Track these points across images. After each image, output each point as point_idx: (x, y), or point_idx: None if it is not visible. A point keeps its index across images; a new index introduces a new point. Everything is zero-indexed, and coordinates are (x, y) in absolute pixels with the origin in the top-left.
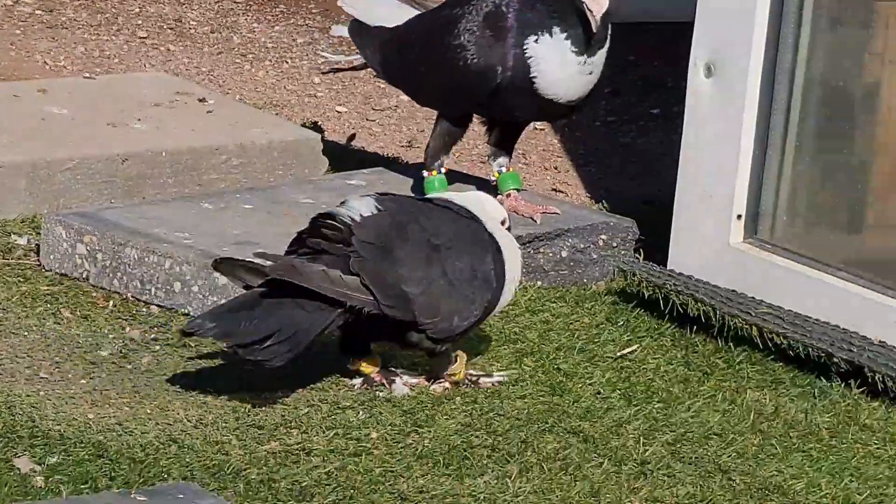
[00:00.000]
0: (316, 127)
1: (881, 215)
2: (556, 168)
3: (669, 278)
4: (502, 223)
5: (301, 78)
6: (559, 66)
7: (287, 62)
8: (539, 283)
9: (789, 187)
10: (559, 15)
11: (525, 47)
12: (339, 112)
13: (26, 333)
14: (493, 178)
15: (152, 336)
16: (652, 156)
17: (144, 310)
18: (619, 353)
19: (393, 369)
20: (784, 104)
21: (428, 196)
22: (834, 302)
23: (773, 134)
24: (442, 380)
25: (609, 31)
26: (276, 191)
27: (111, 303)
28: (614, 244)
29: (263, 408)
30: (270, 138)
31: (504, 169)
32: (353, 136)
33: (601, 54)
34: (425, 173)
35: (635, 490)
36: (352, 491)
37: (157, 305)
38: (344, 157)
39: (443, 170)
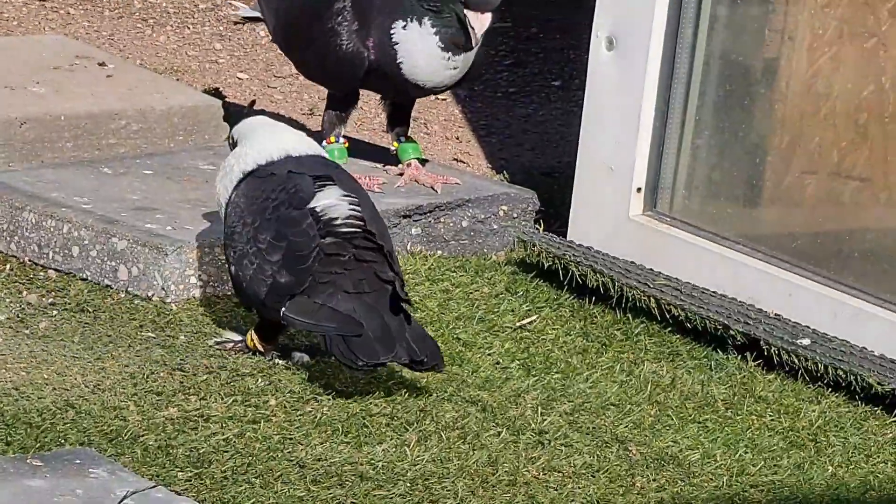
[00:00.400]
0: (217, 93)
1: (778, 190)
2: (457, 138)
3: (569, 249)
4: None
5: (202, 44)
6: (424, 56)
7: (188, 28)
8: (439, 252)
9: (689, 161)
10: (435, 8)
11: (392, 32)
12: (240, 79)
13: None
14: (392, 148)
15: (50, 301)
16: (552, 127)
17: (42, 274)
18: (518, 324)
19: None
20: (684, 78)
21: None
22: (731, 275)
23: (673, 108)
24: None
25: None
26: (176, 156)
27: (8, 266)
28: (515, 215)
29: (162, 374)
30: (170, 104)
31: (403, 138)
32: (253, 103)
33: (469, 55)
34: (324, 142)
35: (533, 459)
36: (250, 458)
37: (55, 270)
38: None
39: (341, 139)
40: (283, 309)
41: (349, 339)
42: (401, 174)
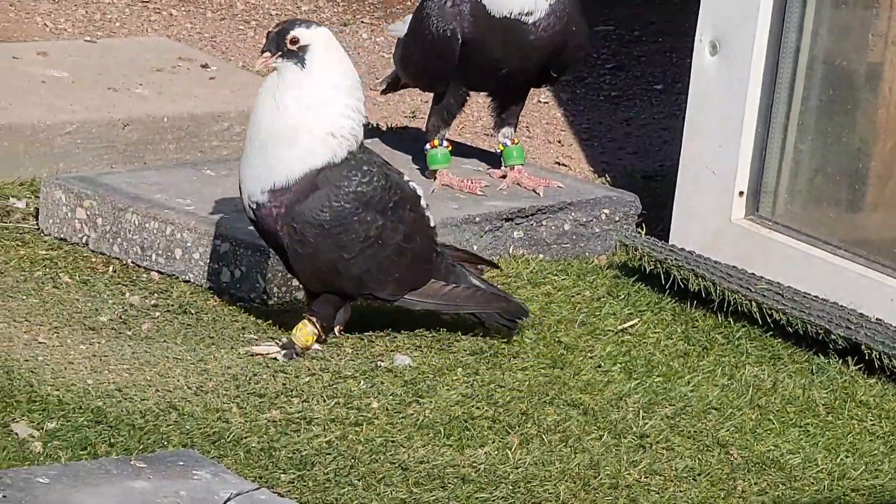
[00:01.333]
0: None
1: (881, 194)
2: (559, 142)
3: (671, 253)
4: None
5: None
6: None
7: None
8: (541, 255)
9: (791, 165)
10: None
11: None
12: None
13: (24, 298)
14: (498, 150)
15: (152, 302)
16: (654, 131)
17: (144, 276)
18: (619, 327)
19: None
20: (788, 82)
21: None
22: (832, 279)
23: (776, 112)
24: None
25: None
26: None
27: (111, 268)
28: (617, 218)
29: (264, 376)
30: None
31: (509, 141)
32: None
33: None
34: (427, 145)
35: (634, 463)
36: (352, 460)
37: (158, 272)
38: None
39: (444, 142)
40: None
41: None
42: (503, 177)
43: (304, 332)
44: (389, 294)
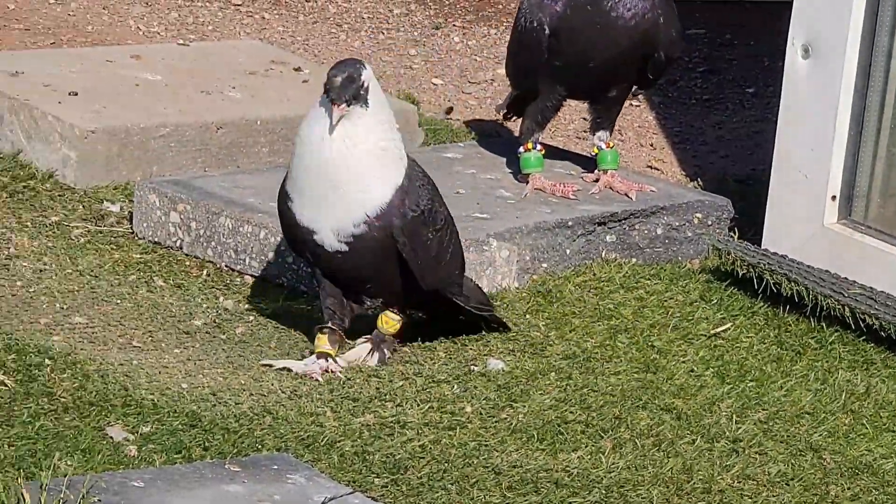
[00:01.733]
0: (411, 99)
1: None
2: (651, 146)
3: (763, 257)
4: None
5: (397, 49)
6: None
7: (383, 33)
8: (634, 259)
9: (884, 169)
10: None
11: None
12: (434, 84)
13: (119, 301)
14: (592, 153)
15: (246, 306)
16: (746, 135)
17: (238, 280)
18: (712, 332)
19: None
20: (880, 85)
21: None
22: None
23: (869, 115)
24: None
25: None
26: None
27: (205, 272)
28: (709, 222)
29: (358, 380)
30: None
31: (604, 145)
32: (450, 110)
33: None
34: (521, 149)
35: (727, 467)
36: (446, 464)
37: (251, 276)
38: (440, 129)
39: (538, 146)
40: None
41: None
42: (595, 180)
43: (389, 321)
44: (460, 287)
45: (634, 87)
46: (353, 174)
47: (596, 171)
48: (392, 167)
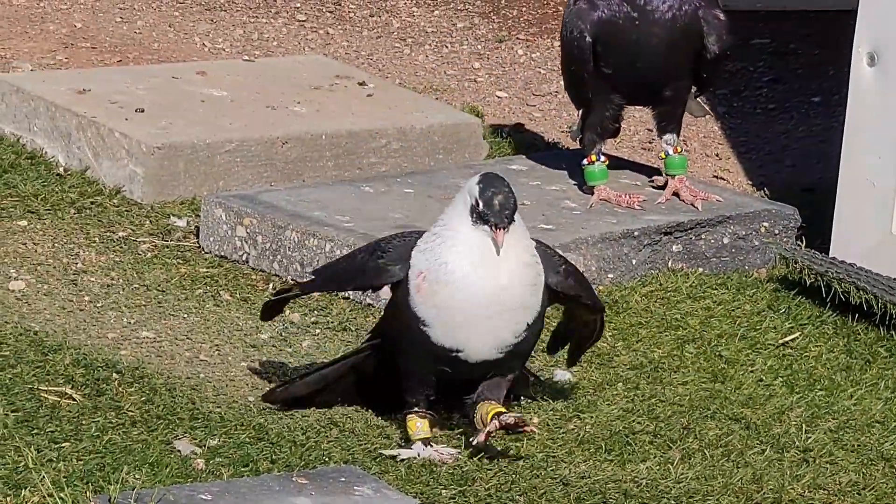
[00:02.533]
0: (476, 111)
1: None
2: (717, 155)
3: (831, 266)
4: None
5: (461, 63)
6: None
7: (447, 47)
8: (701, 269)
9: None
10: None
11: None
12: (499, 97)
13: (186, 315)
14: (661, 157)
15: (312, 319)
16: (812, 143)
17: None
18: (780, 341)
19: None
20: None
21: None
22: None
23: None
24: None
25: None
26: (437, 175)
27: (271, 285)
28: (776, 231)
29: None
30: (430, 122)
31: (671, 149)
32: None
33: None
34: (584, 161)
35: (798, 477)
36: (513, 476)
37: None
38: (504, 142)
39: (602, 157)
40: None
41: None
42: (661, 187)
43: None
44: None
45: (694, 89)
46: (522, 292)
47: (663, 176)
48: (533, 261)
